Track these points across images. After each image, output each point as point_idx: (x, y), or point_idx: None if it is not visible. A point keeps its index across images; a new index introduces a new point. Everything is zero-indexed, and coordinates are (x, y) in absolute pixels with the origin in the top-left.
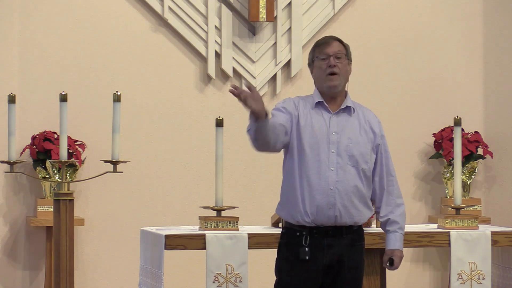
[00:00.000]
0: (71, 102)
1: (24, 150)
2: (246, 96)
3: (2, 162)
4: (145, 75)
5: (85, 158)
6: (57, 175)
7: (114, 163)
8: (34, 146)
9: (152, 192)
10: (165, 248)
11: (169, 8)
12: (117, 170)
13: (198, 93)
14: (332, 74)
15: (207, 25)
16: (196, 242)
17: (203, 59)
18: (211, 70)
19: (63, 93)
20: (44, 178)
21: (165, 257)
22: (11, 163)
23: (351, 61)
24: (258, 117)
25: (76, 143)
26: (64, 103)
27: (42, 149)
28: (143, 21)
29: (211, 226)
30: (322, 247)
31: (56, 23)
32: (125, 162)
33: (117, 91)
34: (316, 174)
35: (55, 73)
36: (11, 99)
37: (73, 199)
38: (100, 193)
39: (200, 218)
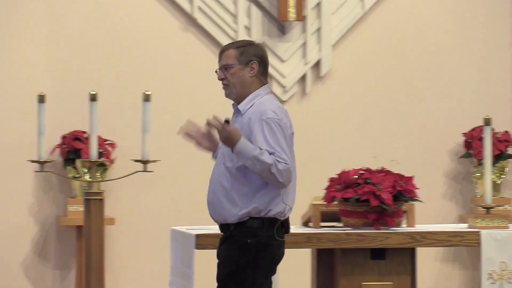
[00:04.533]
0: (101, 101)
1: (54, 150)
2: (198, 139)
3: (33, 161)
4: (175, 74)
5: (115, 158)
6: (87, 175)
7: (144, 162)
8: (64, 146)
9: (182, 191)
10: (196, 248)
11: (198, 7)
12: (147, 170)
13: None
14: (223, 85)
15: (236, 24)
16: None
17: None
18: None
19: (93, 93)
20: (74, 177)
21: (196, 257)
22: (41, 163)
23: (251, 60)
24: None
25: (106, 143)
26: (94, 102)
27: (72, 148)
28: (172, 20)
29: None
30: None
31: (85, 23)
32: (155, 161)
33: (146, 91)
34: None
35: (85, 73)
36: (41, 99)
37: (103, 199)
38: (130, 193)
39: None
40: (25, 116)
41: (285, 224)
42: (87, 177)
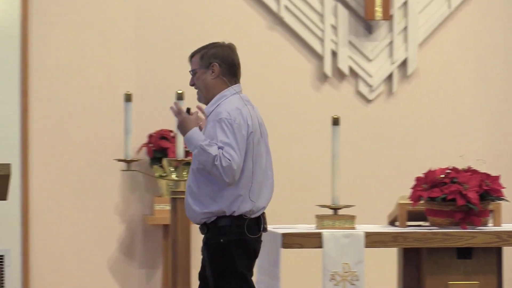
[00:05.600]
0: (188, 100)
1: (140, 149)
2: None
3: (119, 160)
4: (261, 74)
5: None
6: (174, 173)
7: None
8: (151, 145)
9: None
10: (282, 247)
11: (285, 7)
12: None
13: (314, 91)
14: (195, 90)
15: (323, 23)
16: (313, 240)
17: (319, 58)
18: (327, 68)
19: (180, 92)
20: (160, 176)
21: (282, 256)
22: (128, 162)
23: (211, 62)
24: None
25: None
26: (181, 101)
27: (159, 147)
28: (259, 19)
29: (327, 224)
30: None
31: (172, 22)
32: None
33: None
34: None
35: (171, 72)
36: (128, 98)
37: None
38: None
39: (316, 216)
40: (112, 115)
41: (259, 222)
42: (173, 176)
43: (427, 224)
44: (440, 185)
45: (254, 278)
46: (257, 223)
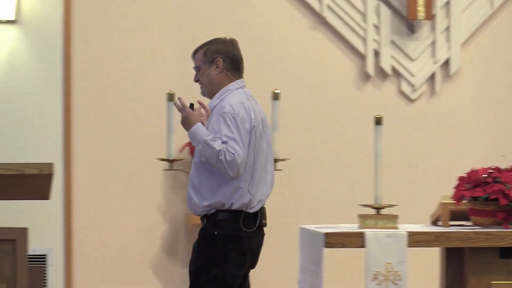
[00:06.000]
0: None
1: (183, 148)
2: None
3: (162, 159)
4: (303, 73)
5: None
6: None
7: (274, 161)
8: None
9: (311, 190)
10: (325, 246)
11: (328, 6)
12: (277, 168)
13: (356, 91)
14: (200, 85)
15: (365, 23)
16: (355, 240)
17: (362, 57)
18: (370, 68)
19: None
20: None
21: (324, 255)
22: (170, 161)
23: (215, 58)
24: None
25: None
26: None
27: None
28: (302, 19)
29: (370, 224)
30: None
31: (214, 22)
32: (284, 160)
33: (276, 89)
34: None
35: None
36: (170, 97)
37: None
38: None
39: (359, 216)
40: (154, 115)
41: (257, 216)
42: None
43: (469, 223)
44: (483, 184)
45: (296, 277)
46: (255, 218)
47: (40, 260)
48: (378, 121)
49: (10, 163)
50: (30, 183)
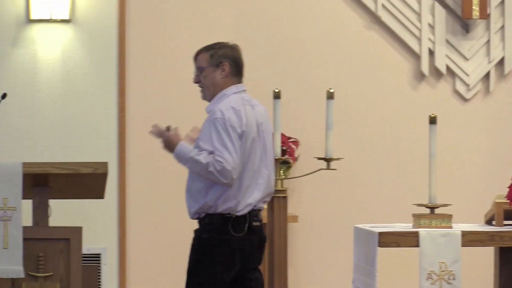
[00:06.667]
0: (284, 99)
1: None
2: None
3: None
4: (358, 72)
5: (298, 155)
6: None
7: (328, 160)
8: None
9: (364, 189)
10: (379, 246)
11: (382, 5)
12: (331, 167)
13: (411, 90)
14: (199, 87)
15: (420, 22)
16: (410, 239)
17: (416, 57)
18: (425, 67)
19: (277, 90)
20: None
21: (378, 254)
22: None
23: (222, 62)
24: None
25: (289, 140)
26: (278, 100)
27: None
28: (357, 18)
29: (424, 223)
30: None
31: (269, 20)
32: (338, 159)
33: (330, 88)
34: None
35: (268, 70)
36: None
37: (286, 196)
38: (313, 190)
39: (413, 215)
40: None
41: (246, 219)
42: None
43: None
44: None
45: (350, 277)
46: (244, 221)
47: (94, 259)
48: (433, 121)
49: (65, 162)
50: (84, 182)
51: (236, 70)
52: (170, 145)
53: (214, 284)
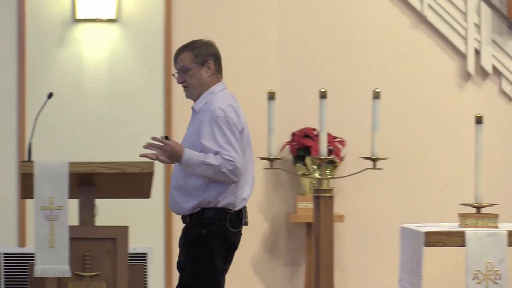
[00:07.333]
0: (331, 98)
1: (284, 147)
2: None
3: (262, 158)
4: (404, 72)
5: (344, 155)
6: (317, 172)
7: (374, 160)
8: (294, 143)
9: (411, 189)
10: (425, 245)
11: (428, 5)
12: (377, 167)
13: (457, 90)
14: (184, 87)
15: (466, 22)
16: (456, 239)
17: (462, 56)
18: (471, 67)
19: (323, 90)
20: (303, 174)
21: (425, 254)
22: (271, 160)
23: (207, 60)
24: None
25: (335, 140)
26: (324, 100)
27: (302, 145)
28: (403, 18)
29: (470, 223)
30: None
31: (315, 20)
32: (384, 159)
33: (376, 88)
34: None
35: (314, 70)
36: (271, 96)
37: (332, 196)
38: (359, 190)
39: (459, 215)
40: (255, 113)
41: (240, 215)
42: (316, 174)
43: None
44: None
45: (396, 276)
46: (239, 217)
47: (141, 258)
48: (479, 120)
49: (111, 161)
50: (131, 181)
51: (219, 67)
52: (175, 153)
53: (218, 277)
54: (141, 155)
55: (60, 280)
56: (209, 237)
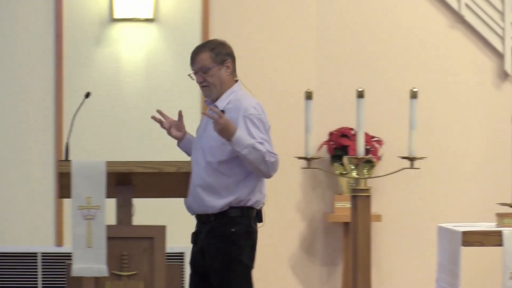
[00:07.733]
0: (368, 98)
1: (321, 146)
2: (170, 125)
3: (300, 158)
4: (441, 72)
5: (382, 154)
6: (354, 171)
7: (411, 159)
8: (331, 142)
9: (448, 188)
10: (462, 245)
11: (466, 5)
12: (414, 167)
13: (494, 89)
14: (203, 87)
15: (503, 21)
16: (493, 238)
17: (500, 56)
18: (508, 66)
19: (360, 90)
20: (341, 174)
21: (462, 253)
22: (308, 159)
23: (226, 59)
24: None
25: (373, 139)
26: (361, 99)
27: (339, 145)
28: (440, 18)
29: (508, 223)
30: (196, 233)
31: (353, 20)
32: (421, 158)
33: (414, 88)
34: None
35: (352, 69)
36: (308, 95)
37: (370, 195)
38: (396, 189)
39: (497, 214)
40: (292, 112)
41: (260, 213)
42: (354, 173)
43: None
44: None
45: (433, 276)
46: (258, 215)
47: (178, 258)
48: None
49: (149, 161)
50: (168, 181)
51: (235, 67)
52: (228, 129)
53: (249, 275)
54: (203, 113)
55: (98, 280)
56: (240, 235)
